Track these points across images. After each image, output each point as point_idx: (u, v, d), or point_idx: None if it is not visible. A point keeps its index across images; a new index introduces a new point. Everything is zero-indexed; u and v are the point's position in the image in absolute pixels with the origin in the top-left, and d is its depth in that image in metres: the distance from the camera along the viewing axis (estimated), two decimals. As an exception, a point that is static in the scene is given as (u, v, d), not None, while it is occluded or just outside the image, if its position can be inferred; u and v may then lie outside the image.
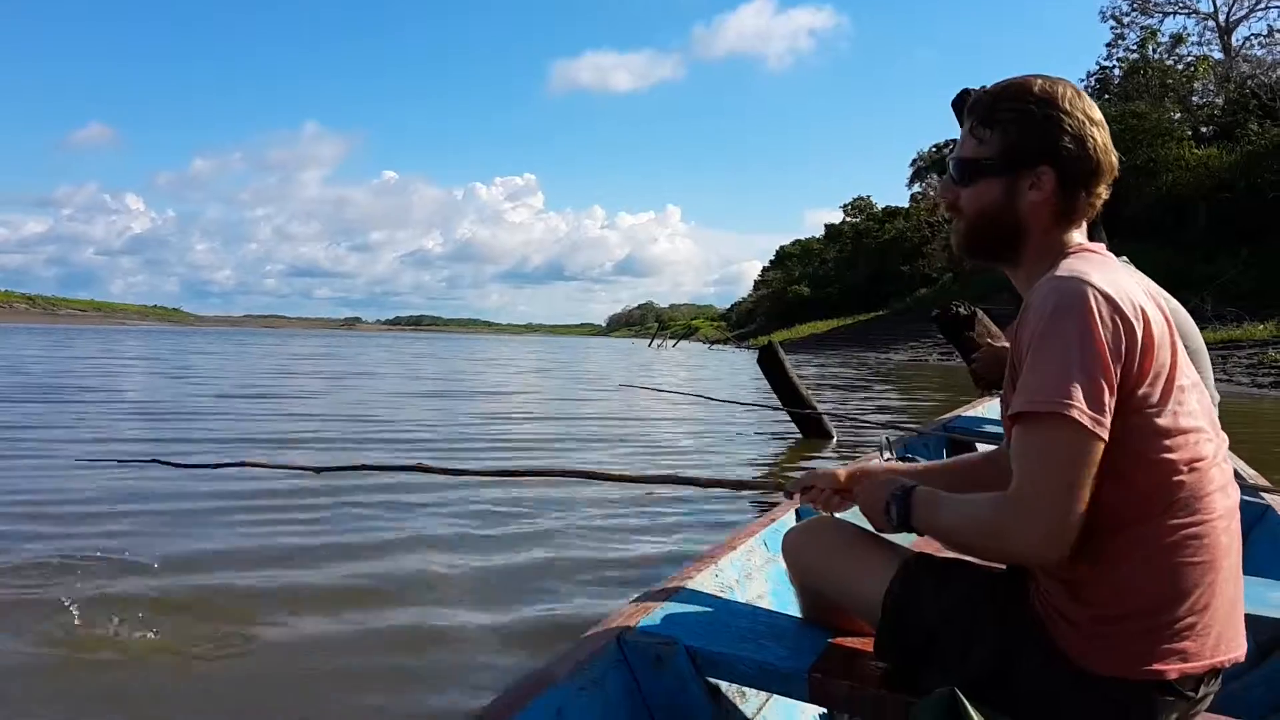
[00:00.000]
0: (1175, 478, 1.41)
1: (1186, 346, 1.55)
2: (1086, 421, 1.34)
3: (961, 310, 6.52)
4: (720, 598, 2.15)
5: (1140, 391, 1.40)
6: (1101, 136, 1.55)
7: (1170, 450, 1.41)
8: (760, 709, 2.06)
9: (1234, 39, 47.28)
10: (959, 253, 1.70)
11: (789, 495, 2.01)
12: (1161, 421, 1.41)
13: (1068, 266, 1.47)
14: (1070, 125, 1.53)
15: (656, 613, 1.93)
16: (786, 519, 2.75)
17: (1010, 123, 1.55)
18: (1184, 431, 1.42)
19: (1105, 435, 1.36)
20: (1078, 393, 1.34)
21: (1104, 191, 1.58)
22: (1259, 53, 44.77)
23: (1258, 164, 34.93)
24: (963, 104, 6.72)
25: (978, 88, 5.40)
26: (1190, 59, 46.01)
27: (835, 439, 9.76)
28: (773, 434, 10.69)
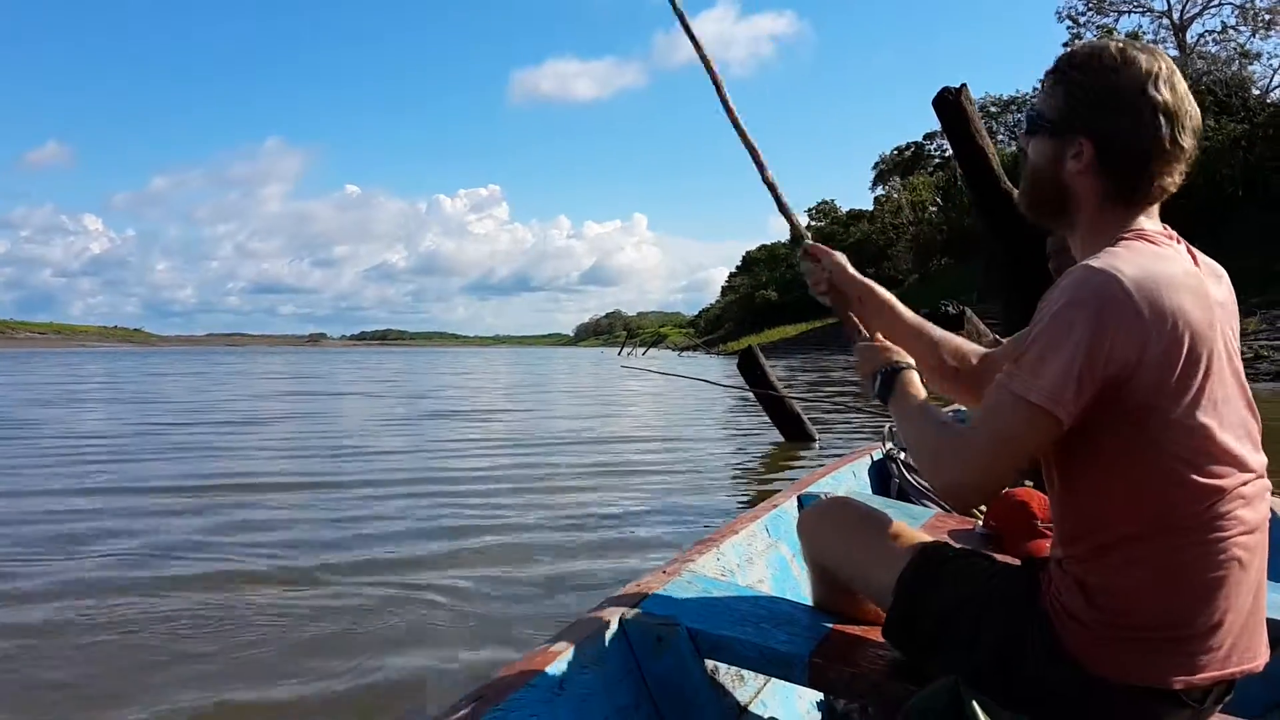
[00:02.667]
0: (1201, 490, 1.36)
1: None
2: (1048, 406, 1.32)
3: (950, 310, 6.51)
4: (721, 581, 2.16)
5: (1158, 397, 1.34)
6: (1165, 120, 1.41)
7: (1197, 462, 1.36)
8: (758, 692, 2.07)
9: (1188, 36, 48.20)
10: (1020, 207, 1.63)
11: (800, 250, 1.97)
12: (1189, 431, 1.36)
13: (1108, 255, 1.38)
14: (1124, 100, 1.41)
15: (658, 594, 1.93)
16: (788, 505, 2.77)
17: (1070, 84, 1.47)
18: (1215, 443, 1.37)
19: (1065, 424, 1.34)
20: (1055, 382, 1.32)
21: (1168, 178, 1.46)
22: (1213, 49, 45.66)
23: (1215, 160, 35.50)
24: (944, 104, 6.83)
25: (959, 85, 5.41)
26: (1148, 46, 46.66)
27: (818, 441, 9.76)
28: (755, 437, 10.70)
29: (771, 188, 2.03)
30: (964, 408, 2.07)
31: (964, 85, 6.47)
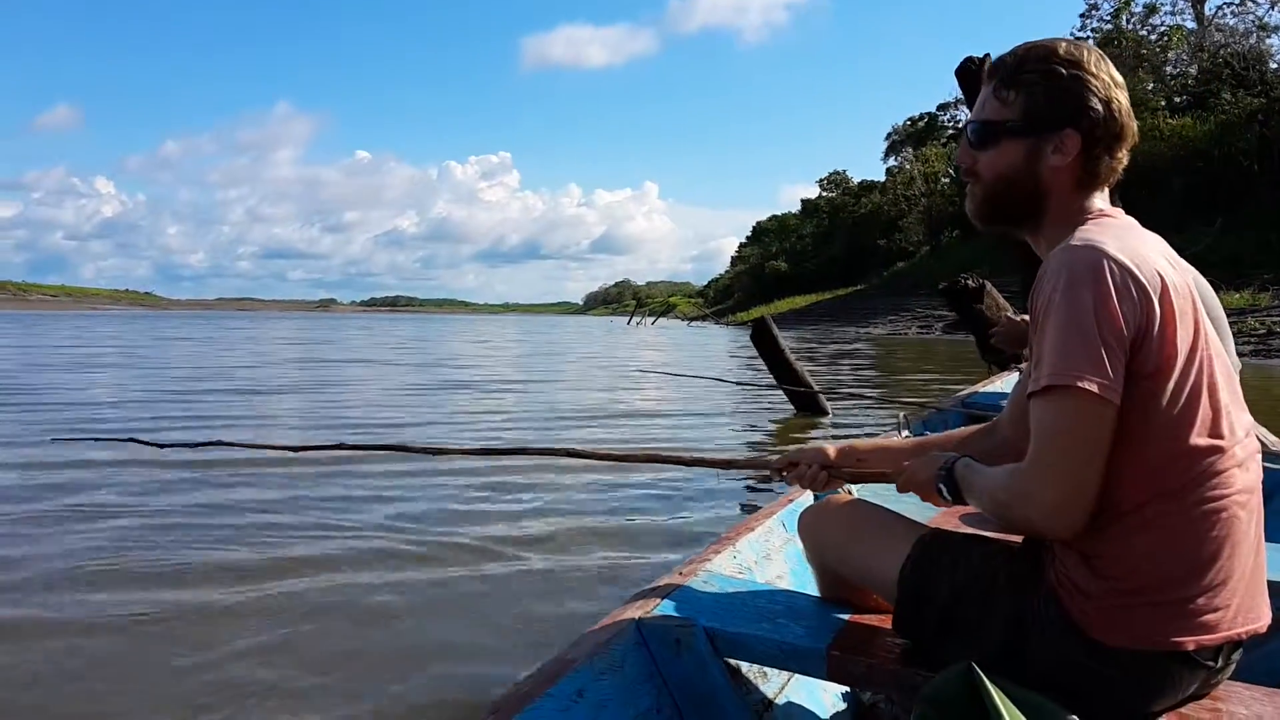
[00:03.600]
0: (1196, 453, 1.39)
1: (1209, 315, 1.51)
2: (1096, 389, 1.33)
3: (970, 283, 6.46)
4: (739, 579, 2.15)
5: (1161, 364, 1.37)
6: (1125, 100, 1.53)
7: (1192, 425, 1.39)
8: (782, 688, 2.07)
9: (1207, 8, 47.46)
10: (975, 219, 1.64)
11: (775, 473, 1.97)
12: (1184, 395, 1.38)
13: (1083, 234, 1.44)
14: (1096, 88, 1.49)
15: (675, 595, 1.93)
16: (804, 499, 2.73)
17: (1035, 84, 1.51)
18: (1207, 406, 1.40)
19: (1117, 403, 1.35)
20: (1089, 364, 1.33)
21: (1124, 157, 1.55)
22: (1231, 21, 44.95)
23: (1231, 133, 35.23)
24: (966, 73, 6.77)
25: (982, 55, 5.35)
26: (1164, 29, 46.42)
27: (830, 415, 9.74)
28: (767, 410, 10.69)
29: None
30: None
31: (987, 55, 6.40)
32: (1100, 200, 1.56)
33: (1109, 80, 1.51)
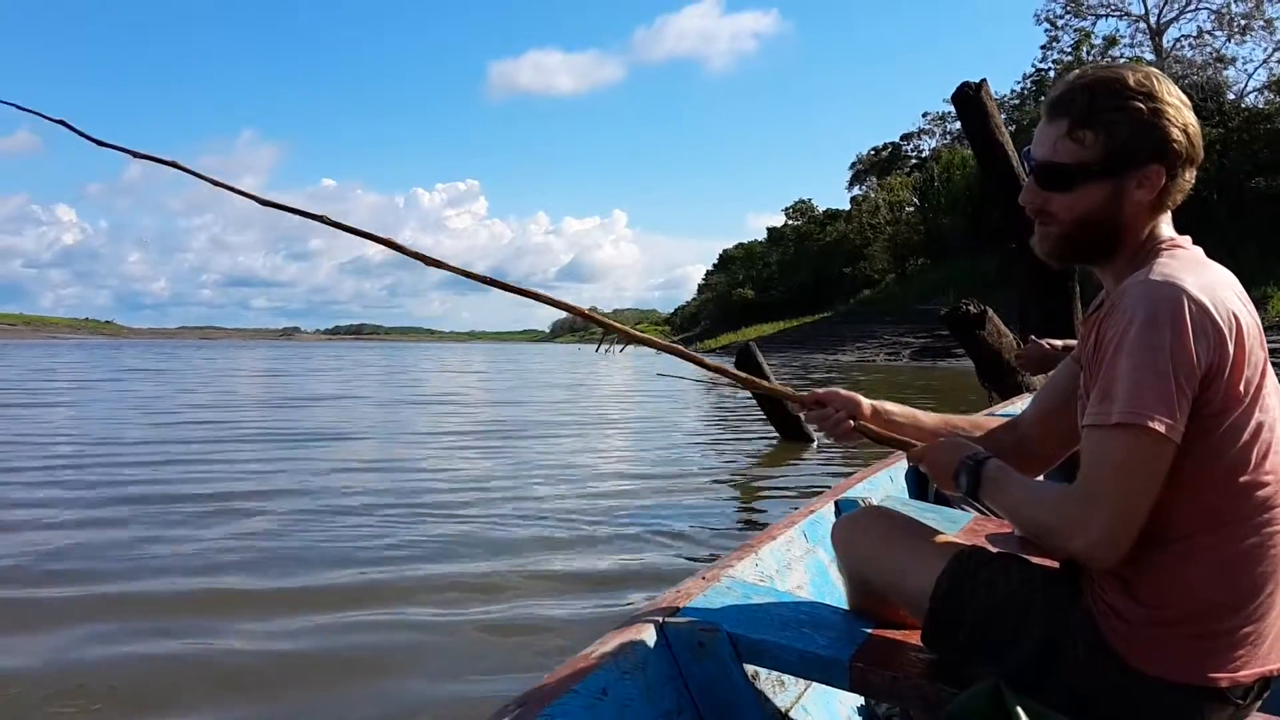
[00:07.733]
0: (1251, 490, 1.38)
1: None
2: (1164, 430, 1.31)
3: (971, 309, 6.50)
4: (761, 586, 2.15)
5: (1227, 403, 1.36)
6: (1194, 121, 1.48)
7: (1249, 461, 1.38)
8: (800, 697, 2.07)
9: (1165, 40, 48.70)
10: (1047, 258, 1.61)
11: (800, 406, 1.93)
12: (1245, 433, 1.37)
13: (1161, 269, 1.40)
14: (1174, 117, 1.44)
15: (698, 599, 1.93)
16: (825, 510, 2.77)
17: (1119, 123, 1.44)
18: (1265, 441, 1.39)
19: (1179, 443, 1.33)
20: (1160, 405, 1.31)
21: (1192, 177, 1.50)
22: (1189, 54, 46.16)
23: (1191, 163, 35.80)
24: (964, 100, 6.83)
25: (979, 81, 5.32)
26: (1124, 61, 47.20)
27: (816, 443, 9.66)
28: (751, 438, 10.68)
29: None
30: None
31: (984, 81, 6.48)
32: (1167, 226, 1.53)
33: (1179, 104, 1.46)
